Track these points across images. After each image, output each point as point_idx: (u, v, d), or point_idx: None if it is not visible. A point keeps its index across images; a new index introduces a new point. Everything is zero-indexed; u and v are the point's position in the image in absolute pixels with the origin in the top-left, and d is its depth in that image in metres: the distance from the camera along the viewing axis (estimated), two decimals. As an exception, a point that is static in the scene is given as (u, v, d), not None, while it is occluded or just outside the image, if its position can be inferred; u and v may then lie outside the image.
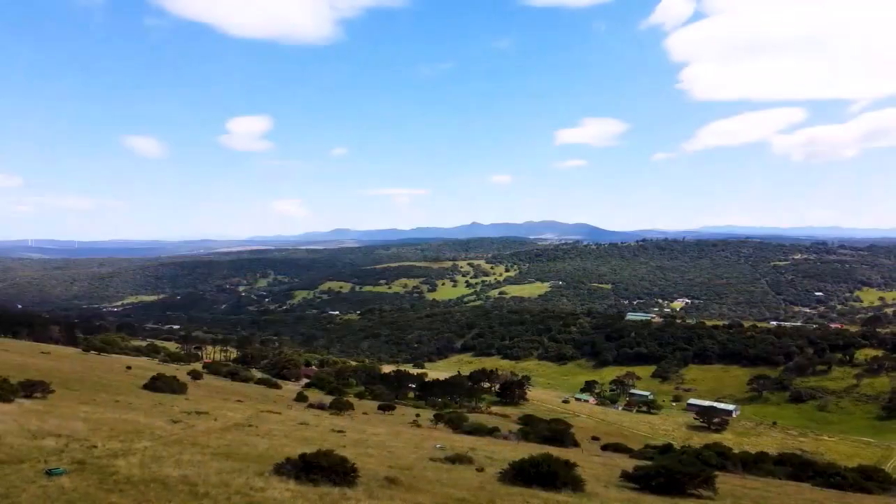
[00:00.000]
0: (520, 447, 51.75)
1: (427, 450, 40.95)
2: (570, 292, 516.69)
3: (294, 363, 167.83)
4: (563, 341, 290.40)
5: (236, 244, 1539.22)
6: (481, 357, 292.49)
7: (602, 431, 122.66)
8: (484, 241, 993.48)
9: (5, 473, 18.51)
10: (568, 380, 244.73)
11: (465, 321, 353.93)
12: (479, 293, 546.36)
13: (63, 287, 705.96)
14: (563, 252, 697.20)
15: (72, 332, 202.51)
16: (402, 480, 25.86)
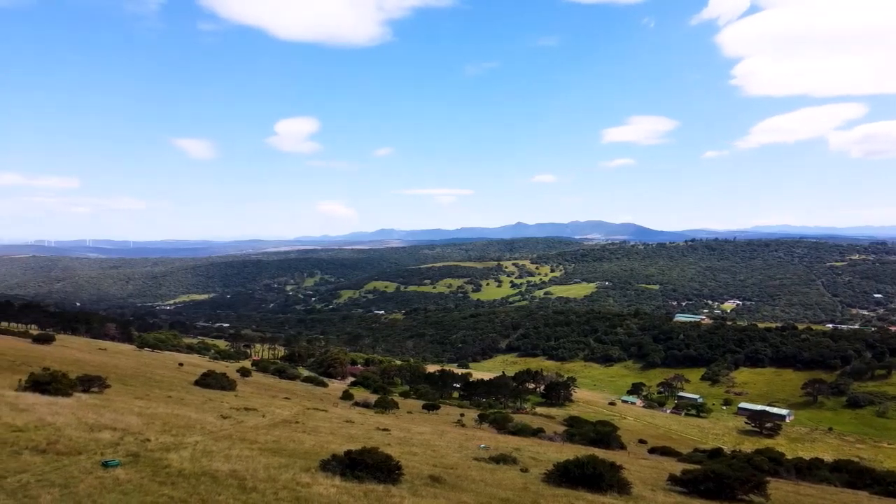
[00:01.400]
0: (565, 448, 51.28)
1: (471, 449, 40.90)
2: (616, 293, 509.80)
3: (340, 362, 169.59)
4: (609, 343, 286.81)
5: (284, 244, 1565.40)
6: (526, 358, 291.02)
7: (649, 434, 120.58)
8: (529, 241, 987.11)
9: (64, 464, 19.20)
10: (614, 382, 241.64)
11: (510, 321, 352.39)
12: (524, 293, 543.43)
13: (119, 286, 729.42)
14: (610, 252, 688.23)
15: (127, 329, 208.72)
16: (446, 479, 25.89)
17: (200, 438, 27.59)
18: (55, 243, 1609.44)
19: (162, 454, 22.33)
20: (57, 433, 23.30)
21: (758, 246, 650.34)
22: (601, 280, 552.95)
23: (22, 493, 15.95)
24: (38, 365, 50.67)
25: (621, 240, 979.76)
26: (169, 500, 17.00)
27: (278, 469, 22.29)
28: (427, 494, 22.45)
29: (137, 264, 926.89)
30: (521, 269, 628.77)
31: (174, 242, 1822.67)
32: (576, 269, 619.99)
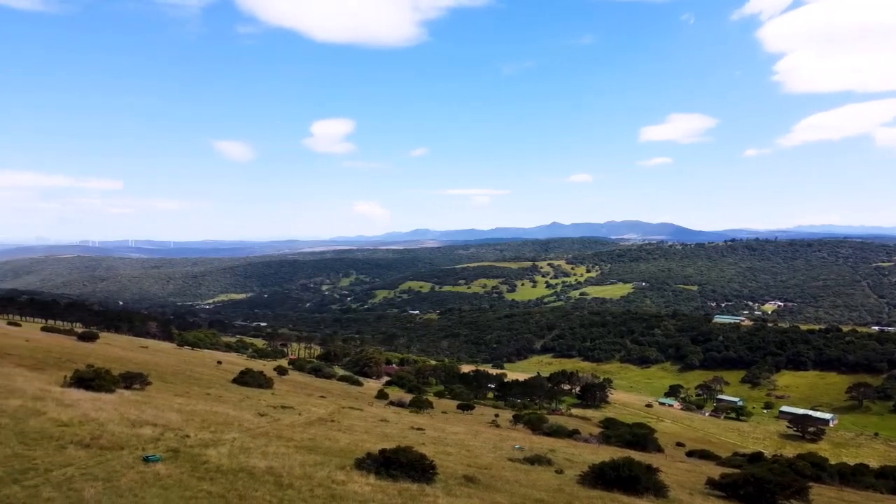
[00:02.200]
0: (600, 450, 50.80)
1: (506, 450, 40.77)
2: (653, 294, 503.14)
3: (375, 361, 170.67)
4: (646, 344, 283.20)
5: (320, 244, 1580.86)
6: (561, 358, 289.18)
7: (687, 437, 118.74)
8: (564, 242, 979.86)
9: (107, 459, 19.67)
10: (651, 383, 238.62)
11: (545, 322, 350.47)
12: (560, 294, 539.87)
13: (160, 285, 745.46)
14: (647, 252, 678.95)
15: (167, 327, 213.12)
16: (480, 479, 25.85)
17: (238, 435, 28.01)
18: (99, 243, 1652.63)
19: (201, 450, 22.73)
20: (100, 428, 23.89)
21: (800, 246, 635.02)
22: (638, 281, 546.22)
23: (67, 486, 16.40)
24: (83, 362, 52.00)
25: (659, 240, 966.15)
26: (207, 495, 17.30)
27: (314, 466, 22.50)
28: (461, 494, 22.44)
29: (178, 264, 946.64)
30: (556, 270, 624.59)
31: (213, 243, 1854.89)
32: (612, 270, 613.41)
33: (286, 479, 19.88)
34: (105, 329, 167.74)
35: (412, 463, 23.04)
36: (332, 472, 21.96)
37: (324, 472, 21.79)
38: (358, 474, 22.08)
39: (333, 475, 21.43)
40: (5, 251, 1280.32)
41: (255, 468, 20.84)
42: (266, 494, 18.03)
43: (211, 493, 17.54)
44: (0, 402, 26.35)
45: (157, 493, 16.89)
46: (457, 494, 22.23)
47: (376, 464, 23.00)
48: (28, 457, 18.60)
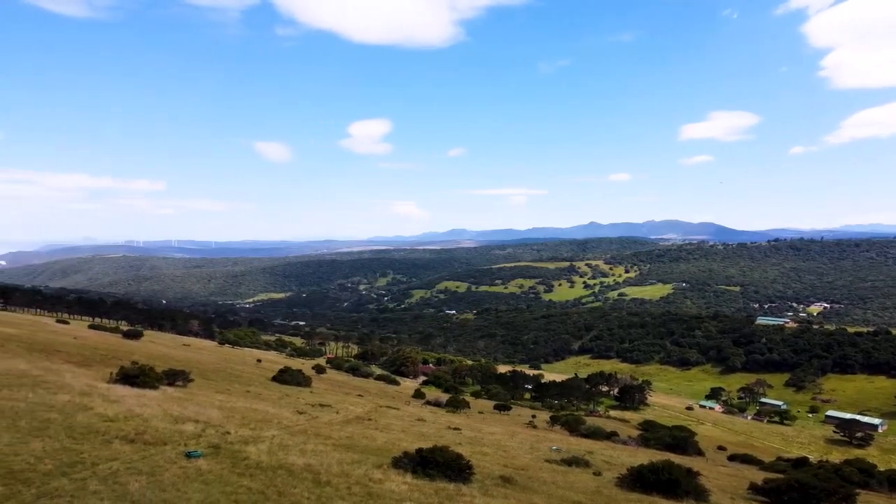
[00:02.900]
0: (639, 453, 50.18)
1: (543, 451, 40.55)
2: (694, 294, 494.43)
3: (412, 361, 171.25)
4: (686, 345, 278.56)
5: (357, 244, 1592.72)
6: (599, 360, 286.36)
7: (729, 441, 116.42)
8: (602, 242, 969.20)
9: (151, 454, 20.13)
10: (692, 386, 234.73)
11: (583, 323, 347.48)
12: (598, 294, 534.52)
13: (201, 284, 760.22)
14: (687, 252, 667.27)
15: (209, 326, 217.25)
16: (516, 480, 25.75)
17: (277, 432, 28.39)
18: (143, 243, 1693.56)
19: (241, 447, 23.11)
20: (144, 424, 24.46)
21: (847, 246, 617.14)
22: (678, 281, 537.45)
23: (113, 480, 16.84)
24: (128, 359, 53.27)
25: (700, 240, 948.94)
26: (247, 491, 17.58)
27: (351, 464, 22.68)
28: (498, 495, 22.39)
29: (219, 264, 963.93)
30: (594, 270, 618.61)
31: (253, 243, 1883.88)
32: (651, 270, 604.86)
33: (324, 477, 20.08)
34: (149, 327, 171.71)
35: (449, 462, 23.05)
36: (369, 470, 22.11)
37: (361, 470, 21.95)
38: (395, 473, 22.18)
39: (370, 473, 21.57)
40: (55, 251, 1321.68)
41: (294, 465, 21.10)
42: (304, 491, 18.24)
43: (251, 489, 17.83)
44: (49, 397, 27.17)
45: (198, 488, 17.24)
46: (493, 495, 22.18)
47: (413, 463, 23.07)
48: (76, 450, 19.15)
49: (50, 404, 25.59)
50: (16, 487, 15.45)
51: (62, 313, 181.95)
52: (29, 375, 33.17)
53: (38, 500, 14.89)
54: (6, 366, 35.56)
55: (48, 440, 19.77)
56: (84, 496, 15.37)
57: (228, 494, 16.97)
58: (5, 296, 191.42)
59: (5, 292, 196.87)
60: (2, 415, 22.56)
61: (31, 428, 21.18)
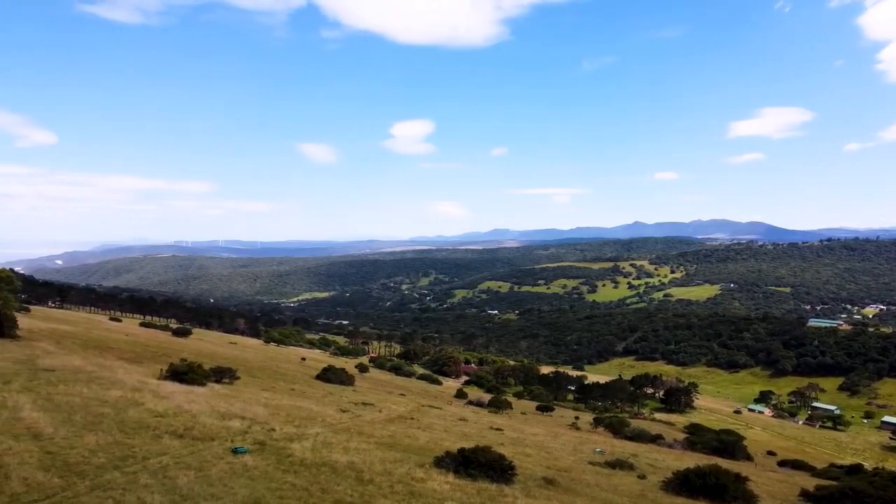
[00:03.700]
0: (685, 456, 49.27)
1: (586, 453, 40.15)
2: (742, 295, 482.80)
3: (454, 360, 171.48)
4: (734, 348, 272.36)
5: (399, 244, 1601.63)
6: (644, 361, 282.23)
7: (779, 446, 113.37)
8: (647, 241, 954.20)
9: (199, 449, 20.59)
10: (740, 389, 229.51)
11: (627, 324, 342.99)
12: (642, 295, 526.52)
13: (248, 283, 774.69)
14: (736, 252, 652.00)
15: (255, 324, 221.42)
16: (559, 482, 25.53)
17: (321, 430, 28.72)
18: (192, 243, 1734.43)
19: (286, 444, 23.45)
20: (192, 420, 25.03)
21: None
22: (725, 282, 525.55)
23: (162, 474, 17.30)
24: (177, 356, 54.58)
25: (748, 239, 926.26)
26: (292, 487, 17.83)
27: (394, 463, 22.80)
28: (540, 496, 22.23)
29: (264, 264, 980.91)
30: (638, 270, 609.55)
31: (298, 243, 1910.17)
32: (698, 271, 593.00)
33: (367, 475, 20.23)
34: (197, 325, 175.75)
35: (491, 463, 22.99)
36: (411, 469, 22.19)
37: (403, 468, 22.04)
38: (437, 472, 22.21)
39: (413, 472, 21.64)
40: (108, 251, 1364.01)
41: (337, 463, 21.31)
42: (347, 489, 18.41)
43: (295, 485, 18.08)
44: (103, 392, 28.02)
45: (244, 483, 17.56)
46: (536, 496, 22.04)
47: (455, 462, 23.06)
48: (127, 444, 19.71)
49: (103, 399, 26.39)
50: (71, 479, 16.00)
51: (115, 311, 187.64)
52: (84, 371, 34.28)
53: (91, 492, 15.38)
54: (63, 362, 36.81)
55: (101, 434, 20.39)
56: (135, 489, 15.81)
57: (273, 490, 17.24)
58: (62, 294, 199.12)
59: (62, 291, 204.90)
60: (58, 409, 23.36)
61: (85, 422, 21.88)
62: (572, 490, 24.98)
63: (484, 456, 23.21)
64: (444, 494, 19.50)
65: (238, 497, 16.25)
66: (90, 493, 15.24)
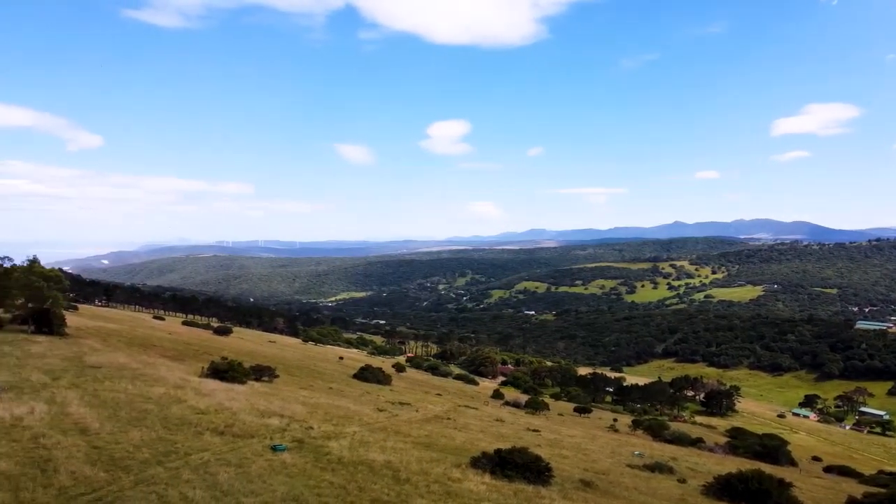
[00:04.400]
0: (726, 461, 48.37)
1: (624, 456, 39.69)
2: (786, 297, 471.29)
3: (491, 361, 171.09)
4: (778, 350, 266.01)
5: (436, 244, 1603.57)
6: (684, 363, 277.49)
7: (825, 452, 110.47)
8: (688, 241, 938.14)
9: (239, 446, 20.92)
10: (784, 392, 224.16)
11: (667, 325, 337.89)
12: (682, 296, 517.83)
13: (286, 283, 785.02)
14: (779, 253, 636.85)
15: (294, 324, 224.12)
16: (597, 484, 25.28)
17: (358, 429, 28.93)
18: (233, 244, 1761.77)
19: (323, 442, 23.68)
20: (233, 417, 25.45)
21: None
22: (769, 283, 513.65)
23: (203, 470, 17.63)
24: (218, 354, 55.62)
25: (793, 239, 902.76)
26: (329, 485, 18.00)
27: (430, 463, 22.84)
28: (577, 498, 22.03)
29: (303, 263, 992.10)
30: (678, 271, 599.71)
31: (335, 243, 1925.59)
32: (740, 271, 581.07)
33: (403, 474, 20.31)
34: (238, 324, 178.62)
35: (528, 464, 22.87)
36: (447, 469, 22.20)
37: (440, 468, 22.07)
38: (473, 473, 22.18)
39: (449, 472, 21.66)
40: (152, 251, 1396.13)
41: (374, 462, 21.44)
42: (384, 488, 18.50)
43: (333, 483, 18.24)
44: (147, 389, 28.69)
45: (283, 480, 17.78)
46: (573, 498, 21.85)
47: (492, 463, 23.01)
48: (170, 440, 20.14)
49: (147, 396, 27.02)
50: (116, 474, 16.41)
51: (158, 310, 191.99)
52: (128, 368, 35.17)
53: (136, 486, 15.75)
54: (109, 359, 37.81)
55: (145, 430, 20.88)
56: (177, 484, 16.15)
57: (311, 488, 17.42)
58: (108, 293, 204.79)
59: (108, 290, 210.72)
60: (104, 405, 23.99)
61: (130, 418, 22.44)
62: (610, 493, 24.71)
63: (521, 457, 23.10)
64: (481, 495, 19.46)
65: (277, 494, 16.47)
66: (134, 488, 15.62)
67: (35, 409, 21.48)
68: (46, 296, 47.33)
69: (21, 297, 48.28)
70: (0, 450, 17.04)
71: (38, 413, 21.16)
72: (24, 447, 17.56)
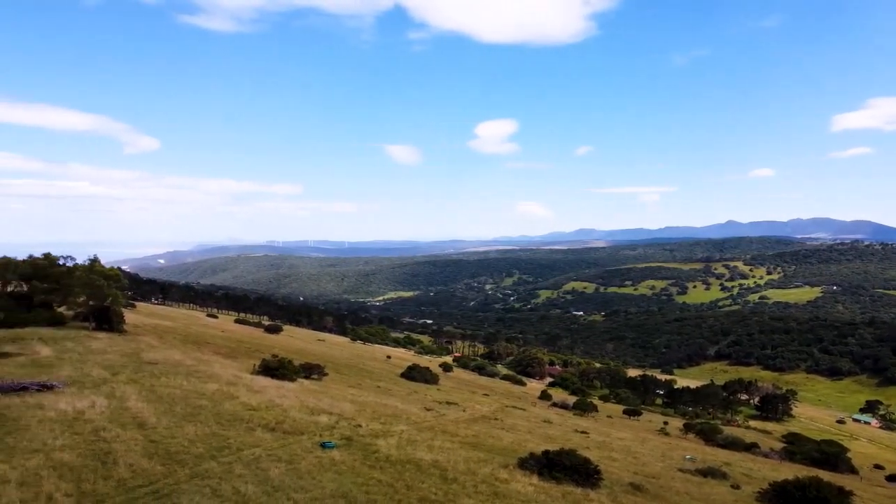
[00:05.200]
0: (782, 467, 47.00)
1: (675, 460, 38.95)
2: (846, 299, 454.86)
3: (538, 362, 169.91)
4: (837, 354, 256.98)
5: (483, 244, 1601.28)
6: (737, 366, 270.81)
7: (887, 459, 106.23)
8: (741, 241, 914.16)
9: (289, 442, 21.28)
10: (843, 398, 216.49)
11: (720, 327, 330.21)
12: (736, 297, 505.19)
13: (335, 283, 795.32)
14: (839, 253, 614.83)
15: (342, 323, 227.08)
16: (647, 489, 24.87)
17: (405, 428, 29.10)
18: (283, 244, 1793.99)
19: (371, 440, 23.89)
20: (283, 414, 25.90)
21: None
22: (828, 284, 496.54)
23: (255, 465, 18.00)
24: (269, 352, 56.70)
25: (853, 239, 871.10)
26: (378, 483, 18.15)
27: (477, 463, 22.82)
28: (627, 502, 21.73)
29: (351, 263, 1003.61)
30: (732, 271, 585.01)
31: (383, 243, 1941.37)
32: (797, 272, 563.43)
33: (451, 474, 20.33)
34: (287, 322, 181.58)
35: (576, 466, 22.64)
36: (495, 469, 22.15)
37: (487, 469, 22.03)
38: (521, 474, 22.08)
39: (496, 473, 21.60)
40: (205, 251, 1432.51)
41: (422, 461, 21.52)
42: (432, 487, 18.56)
43: (380, 481, 18.39)
44: (201, 385, 29.43)
45: (332, 477, 18.01)
46: (623, 502, 21.56)
47: (539, 465, 22.86)
48: (223, 436, 20.62)
49: (201, 392, 27.73)
50: (172, 467, 16.90)
51: (211, 308, 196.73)
52: (183, 365, 36.15)
53: (190, 480, 16.18)
54: (164, 356, 38.95)
55: (199, 425, 21.43)
56: (230, 479, 16.53)
57: (360, 486, 17.60)
58: (164, 291, 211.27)
59: (163, 288, 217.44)
60: (160, 400, 24.72)
61: (185, 413, 23.05)
62: (661, 497, 24.27)
63: (569, 459, 22.88)
64: (528, 496, 19.35)
65: (326, 490, 16.69)
66: (189, 481, 16.04)
67: (96, 404, 22.27)
68: (106, 294, 49.02)
69: (83, 295, 50.07)
70: (63, 442, 17.73)
71: (99, 407, 21.93)
72: (85, 440, 18.23)
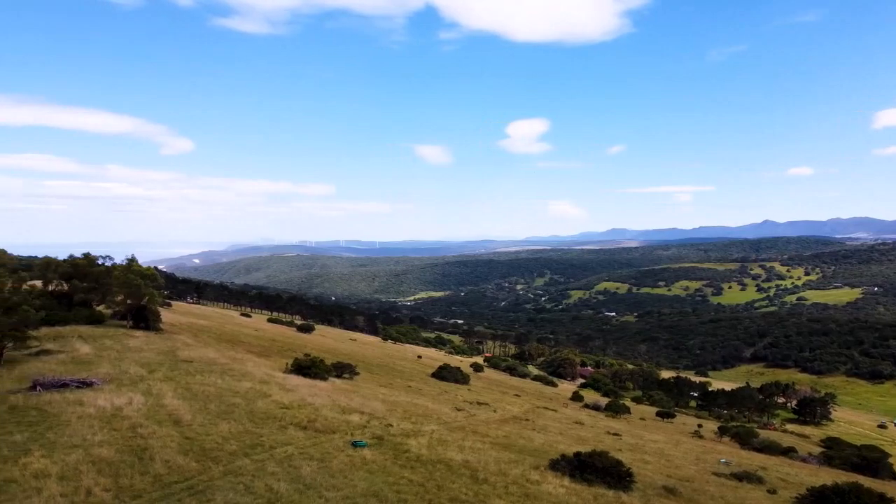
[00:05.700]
0: (820, 472, 45.92)
1: (710, 463, 38.33)
2: (888, 300, 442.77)
3: (570, 362, 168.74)
4: (879, 356, 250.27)
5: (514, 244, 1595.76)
6: (774, 369, 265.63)
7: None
8: (778, 241, 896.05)
9: (321, 441, 21.46)
10: (885, 402, 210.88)
11: (756, 329, 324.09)
12: (773, 298, 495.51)
13: (366, 282, 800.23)
14: (881, 253, 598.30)
15: (373, 322, 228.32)
16: (681, 492, 24.51)
17: (436, 427, 29.13)
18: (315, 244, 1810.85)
19: (402, 439, 23.97)
20: (315, 413, 26.13)
21: None
22: (869, 285, 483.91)
23: (287, 463, 18.19)
24: (301, 351, 57.24)
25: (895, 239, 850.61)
26: (408, 482, 18.20)
27: (508, 464, 22.74)
28: (660, 506, 21.45)
29: (382, 263, 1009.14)
30: (768, 272, 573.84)
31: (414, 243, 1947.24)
32: (836, 273, 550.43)
33: (481, 474, 20.30)
34: (319, 322, 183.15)
35: (608, 468, 22.42)
36: (526, 470, 22.05)
37: (518, 470, 21.94)
38: (552, 475, 21.95)
39: (527, 474, 21.51)
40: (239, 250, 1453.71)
41: (452, 461, 21.52)
42: (462, 487, 18.55)
43: (411, 480, 18.44)
44: (234, 383, 29.84)
45: (363, 476, 18.11)
46: (656, 505, 21.29)
47: (571, 466, 22.69)
48: (256, 434, 20.88)
49: (235, 390, 28.11)
50: (206, 464, 17.16)
51: (245, 307, 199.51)
52: (218, 363, 36.69)
53: (224, 476, 16.42)
54: (199, 354, 39.58)
55: (233, 423, 21.73)
56: (263, 476, 16.73)
57: (391, 485, 17.67)
58: (199, 291, 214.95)
59: (199, 288, 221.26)
60: (195, 398, 25.12)
61: (219, 411, 23.40)
62: (694, 501, 23.91)
63: (601, 461, 22.68)
64: (560, 498, 19.23)
65: (357, 489, 16.79)
66: (223, 478, 16.28)
67: (133, 400, 22.74)
68: (143, 293, 49.98)
69: (120, 294, 51.14)
70: (102, 438, 18.13)
71: (136, 404, 22.38)
72: (123, 436, 18.62)
